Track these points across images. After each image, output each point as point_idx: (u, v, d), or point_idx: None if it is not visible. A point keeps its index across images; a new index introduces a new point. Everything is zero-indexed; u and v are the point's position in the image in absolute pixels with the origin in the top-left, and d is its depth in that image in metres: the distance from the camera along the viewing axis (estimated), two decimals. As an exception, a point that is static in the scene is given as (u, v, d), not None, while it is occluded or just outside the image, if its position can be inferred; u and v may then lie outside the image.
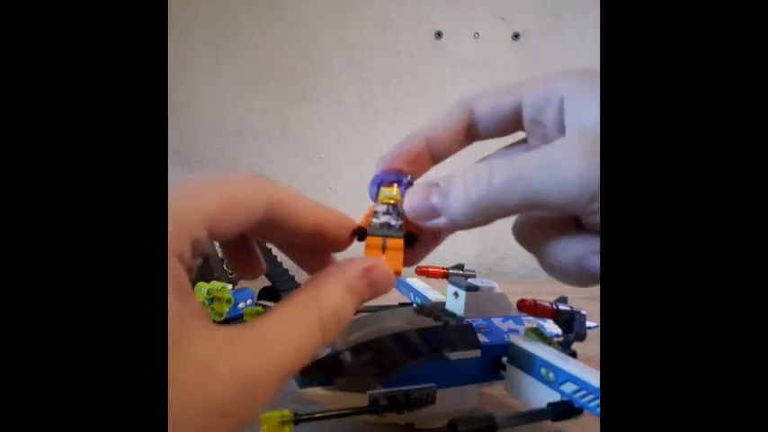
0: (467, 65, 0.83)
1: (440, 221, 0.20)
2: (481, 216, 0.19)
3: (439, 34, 0.82)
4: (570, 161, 0.18)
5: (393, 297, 0.47)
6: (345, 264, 0.19)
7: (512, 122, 0.24)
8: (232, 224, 0.17)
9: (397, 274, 0.20)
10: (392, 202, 0.22)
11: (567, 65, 0.90)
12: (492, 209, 0.19)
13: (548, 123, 0.22)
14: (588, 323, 0.40)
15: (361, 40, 0.82)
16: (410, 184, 0.23)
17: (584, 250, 0.20)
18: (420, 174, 0.25)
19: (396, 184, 0.23)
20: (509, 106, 0.23)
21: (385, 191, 0.22)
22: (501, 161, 0.19)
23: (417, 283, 0.45)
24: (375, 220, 0.21)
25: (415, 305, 0.40)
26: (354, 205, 0.97)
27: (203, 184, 0.17)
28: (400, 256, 0.20)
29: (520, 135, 0.25)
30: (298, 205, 0.19)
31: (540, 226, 0.21)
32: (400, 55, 0.82)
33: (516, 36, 0.82)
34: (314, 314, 0.17)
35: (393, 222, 0.21)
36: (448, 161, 0.25)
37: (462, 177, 0.20)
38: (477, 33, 0.83)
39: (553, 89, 0.21)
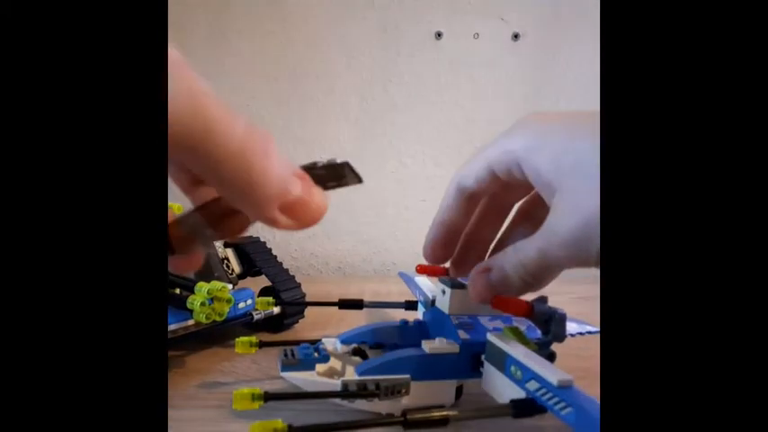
0: (467, 65, 0.84)
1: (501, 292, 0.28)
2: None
3: (439, 35, 0.83)
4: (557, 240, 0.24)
5: (399, 294, 0.50)
6: None
7: (495, 184, 0.27)
8: None
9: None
10: None
11: (567, 65, 0.89)
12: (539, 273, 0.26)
13: (520, 179, 0.26)
14: (589, 328, 0.40)
15: (361, 40, 0.83)
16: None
17: None
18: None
19: None
20: (486, 174, 0.27)
21: None
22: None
23: (425, 282, 0.46)
24: None
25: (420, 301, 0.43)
26: (353, 204, 0.97)
27: None
28: None
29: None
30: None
31: None
32: (400, 55, 0.83)
33: (516, 36, 0.83)
34: None
35: None
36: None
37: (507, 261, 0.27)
38: (477, 34, 0.83)
39: (509, 153, 0.25)
